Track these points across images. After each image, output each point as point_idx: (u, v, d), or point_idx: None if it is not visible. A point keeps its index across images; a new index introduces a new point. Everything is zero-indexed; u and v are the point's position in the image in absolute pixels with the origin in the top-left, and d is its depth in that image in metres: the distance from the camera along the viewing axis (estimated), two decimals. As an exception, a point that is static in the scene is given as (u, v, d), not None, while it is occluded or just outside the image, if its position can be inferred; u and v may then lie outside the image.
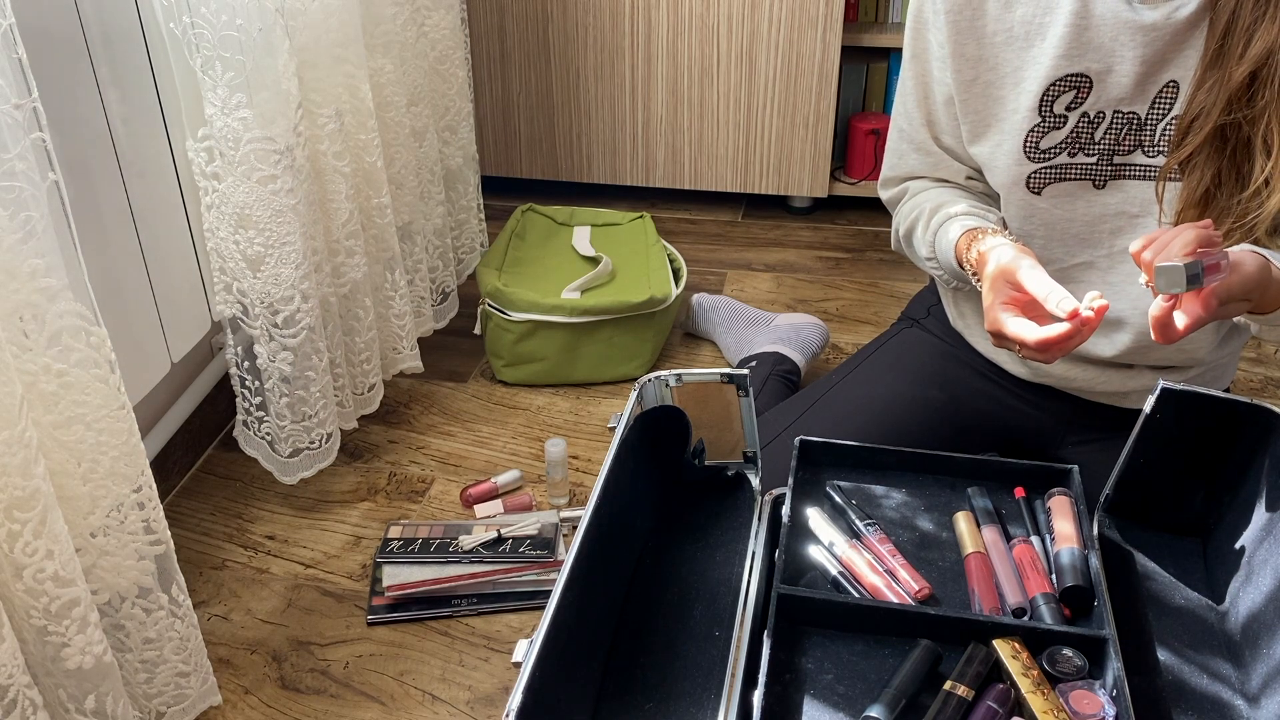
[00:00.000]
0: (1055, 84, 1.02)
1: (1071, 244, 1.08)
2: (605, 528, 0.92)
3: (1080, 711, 0.81)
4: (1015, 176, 1.06)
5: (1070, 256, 1.09)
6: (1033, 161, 1.05)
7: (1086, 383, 1.16)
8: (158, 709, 1.06)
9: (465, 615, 1.26)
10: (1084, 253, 1.09)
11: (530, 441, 1.56)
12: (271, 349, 1.29)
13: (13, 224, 0.79)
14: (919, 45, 1.10)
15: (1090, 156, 1.04)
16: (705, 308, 1.78)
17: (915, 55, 1.11)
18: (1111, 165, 1.04)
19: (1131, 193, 1.05)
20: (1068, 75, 1.01)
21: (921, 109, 1.13)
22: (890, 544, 0.99)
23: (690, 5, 2.03)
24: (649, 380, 1.03)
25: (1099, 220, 1.07)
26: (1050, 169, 1.05)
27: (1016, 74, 1.04)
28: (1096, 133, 1.03)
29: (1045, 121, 1.03)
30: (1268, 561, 0.89)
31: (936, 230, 1.09)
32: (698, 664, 0.91)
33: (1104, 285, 1.08)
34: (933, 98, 1.11)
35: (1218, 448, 0.97)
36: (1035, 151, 1.05)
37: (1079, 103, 1.02)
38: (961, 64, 1.06)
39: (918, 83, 1.12)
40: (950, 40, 1.05)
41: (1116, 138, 1.03)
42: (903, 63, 1.14)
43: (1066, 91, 1.02)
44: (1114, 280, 1.08)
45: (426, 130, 1.62)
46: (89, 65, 1.14)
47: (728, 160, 2.18)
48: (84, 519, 0.92)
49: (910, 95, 1.13)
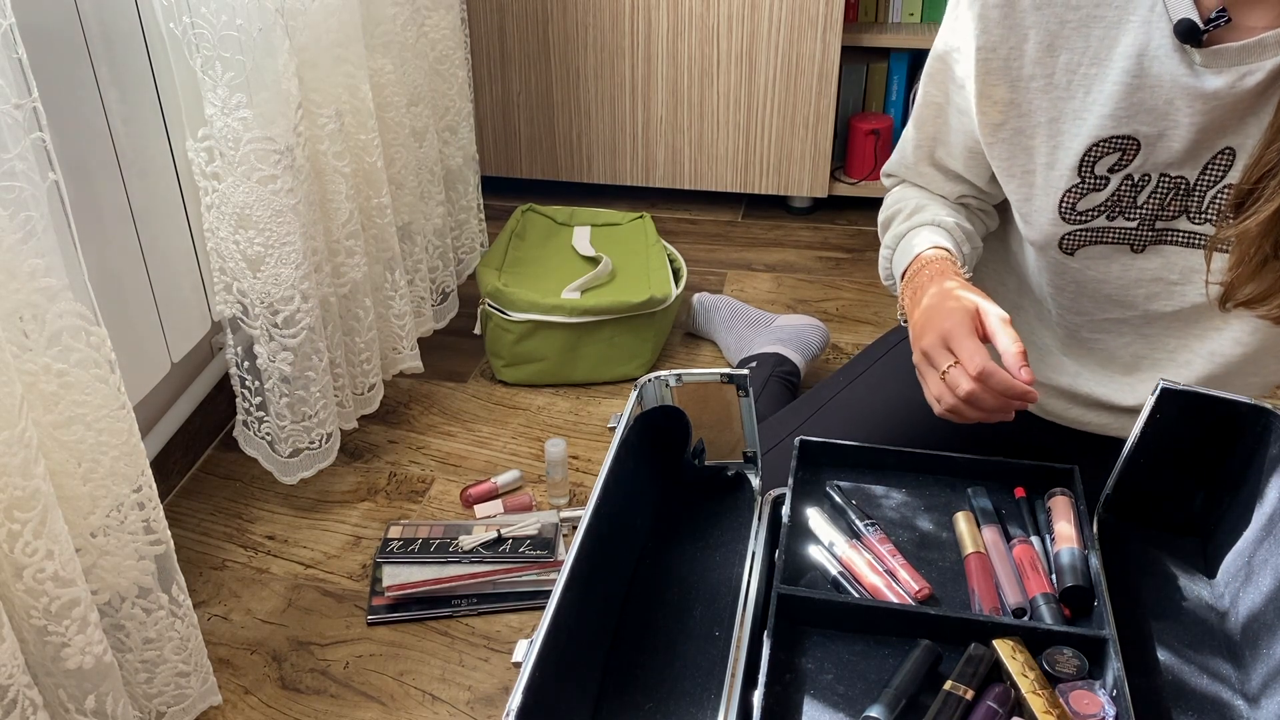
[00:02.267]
0: (1099, 144, 0.93)
1: (1103, 302, 1.03)
2: (605, 528, 0.92)
3: (1080, 711, 0.81)
4: (1048, 236, 1.00)
5: (1100, 312, 1.04)
6: (1068, 223, 0.98)
7: (1100, 427, 1.12)
8: (158, 709, 1.06)
9: (465, 615, 1.26)
10: (1115, 310, 1.03)
11: (530, 441, 1.56)
12: (271, 349, 1.29)
13: (13, 224, 0.79)
14: (939, 70, 1.03)
15: (1131, 220, 0.97)
16: (706, 307, 1.78)
17: (931, 76, 1.04)
18: (1153, 230, 0.97)
19: (1171, 259, 0.97)
20: (1114, 137, 0.93)
21: (925, 129, 1.08)
22: (890, 544, 0.99)
23: (690, 5, 2.03)
24: (649, 380, 1.03)
25: (1134, 285, 1.00)
26: (1086, 231, 0.98)
27: (1053, 125, 0.95)
28: (1140, 196, 0.95)
29: (1085, 183, 0.96)
30: (1268, 561, 0.89)
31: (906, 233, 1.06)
32: (698, 664, 0.91)
33: (1138, 338, 1.04)
34: (945, 122, 1.05)
35: (1218, 448, 0.97)
36: (1071, 213, 0.97)
37: (1123, 165, 0.94)
38: (988, 106, 0.97)
39: (927, 103, 1.06)
40: (978, 79, 0.96)
41: (1161, 202, 0.95)
42: (923, 74, 1.06)
43: (1111, 153, 0.94)
44: (1149, 334, 1.03)
45: (426, 130, 1.62)
46: (89, 65, 1.14)
47: (728, 160, 2.18)
48: (84, 519, 0.92)
49: (919, 115, 1.07)
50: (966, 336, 0.89)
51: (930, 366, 0.92)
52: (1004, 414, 0.90)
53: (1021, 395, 0.87)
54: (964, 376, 0.88)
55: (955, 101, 1.03)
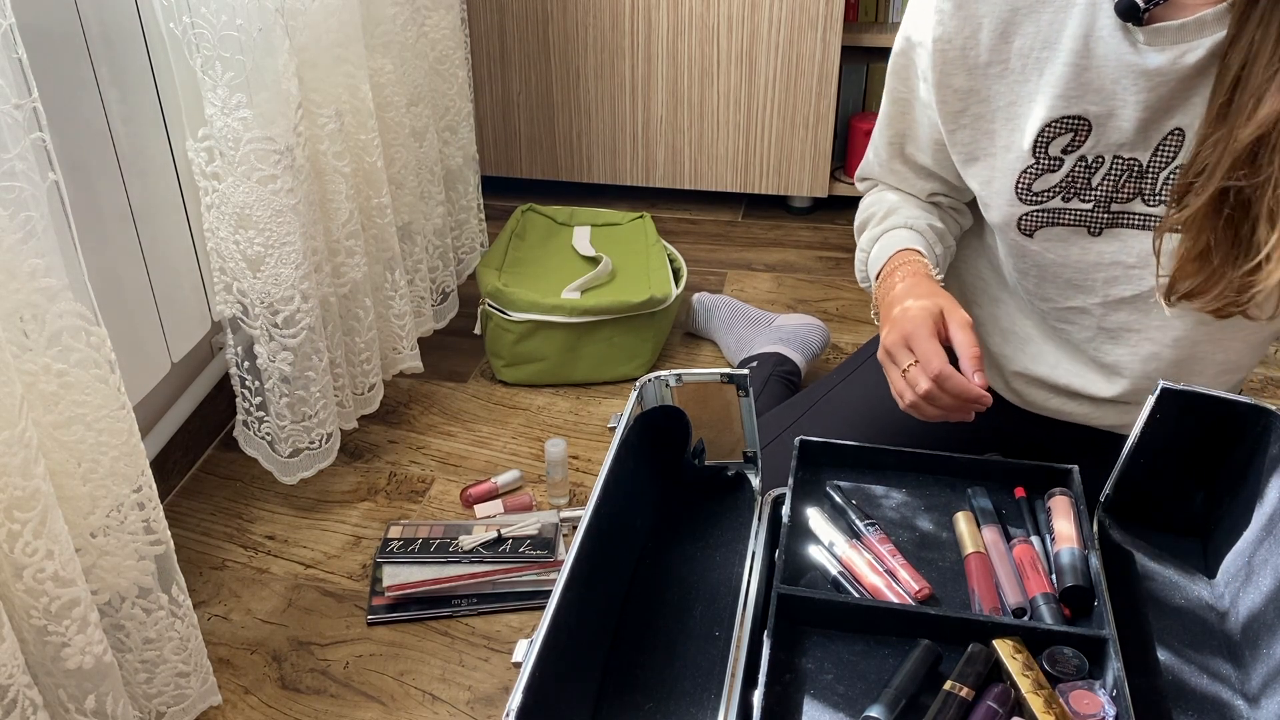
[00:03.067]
0: (1051, 125, 0.96)
1: (1065, 288, 1.04)
2: (605, 528, 0.92)
3: (1080, 711, 0.81)
4: (1007, 217, 1.02)
5: (1064, 299, 1.05)
6: (1024, 204, 1.00)
7: (1083, 418, 1.13)
8: (158, 709, 1.06)
9: (465, 615, 1.26)
10: (1078, 297, 1.04)
11: (530, 441, 1.56)
12: (271, 349, 1.29)
13: (13, 224, 0.79)
14: (903, 66, 1.05)
15: (1086, 202, 0.99)
16: (706, 307, 1.78)
17: (895, 72, 1.06)
18: (1109, 212, 0.99)
19: (1128, 242, 0.99)
20: (1065, 117, 0.95)
21: (894, 125, 1.09)
22: (890, 544, 0.99)
23: (690, 5, 2.03)
24: (649, 380, 1.03)
25: (1093, 268, 1.02)
26: (1042, 212, 1.00)
27: (1010, 108, 0.98)
28: (1094, 178, 0.97)
29: (1040, 163, 0.98)
30: (1268, 561, 0.89)
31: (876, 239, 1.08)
32: (698, 664, 0.91)
33: (1098, 331, 1.05)
34: (912, 117, 1.07)
35: (1218, 448, 0.97)
36: (1027, 194, 0.99)
37: (1076, 146, 0.96)
38: (947, 95, 1.00)
39: (893, 100, 1.08)
40: (936, 69, 0.99)
41: (1115, 184, 0.97)
42: (888, 71, 1.09)
43: (1064, 134, 0.96)
44: (1109, 326, 1.05)
45: (426, 130, 1.62)
46: (89, 65, 1.14)
47: (728, 160, 2.18)
48: (84, 519, 0.92)
49: (886, 111, 1.09)
50: (927, 339, 0.92)
51: (893, 364, 0.96)
52: (962, 414, 0.94)
53: (975, 399, 0.91)
54: (922, 376, 0.92)
55: (920, 95, 1.05)
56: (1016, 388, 1.16)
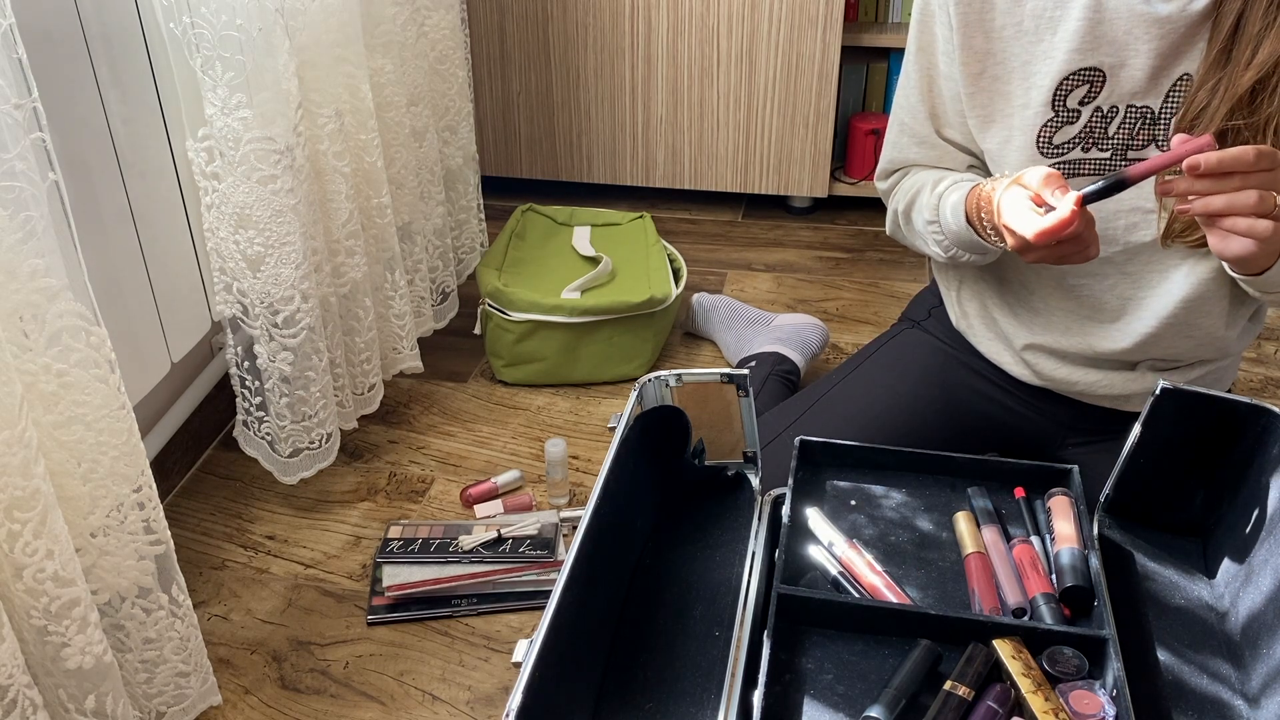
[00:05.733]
0: (1068, 78, 1.01)
1: None
2: (605, 528, 0.92)
3: (1080, 711, 0.81)
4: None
5: None
6: (1046, 157, 1.04)
7: (1088, 386, 1.15)
8: (158, 709, 1.06)
9: (465, 615, 1.26)
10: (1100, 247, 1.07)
11: (530, 441, 1.56)
12: (271, 349, 1.29)
13: (13, 224, 0.79)
14: (925, 38, 1.09)
15: (1104, 152, 1.04)
16: (705, 307, 1.78)
17: (921, 48, 1.10)
18: (1125, 160, 1.04)
19: (1145, 188, 1.03)
20: (1081, 69, 1.00)
21: (925, 102, 1.12)
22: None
23: (690, 5, 2.03)
24: (649, 380, 1.03)
25: (1114, 215, 1.05)
26: (1064, 164, 1.05)
27: (1025, 68, 1.03)
28: (1110, 128, 1.03)
29: (1059, 116, 1.03)
30: (1268, 562, 0.89)
31: (942, 194, 1.09)
32: (698, 664, 0.91)
33: (1121, 276, 1.08)
34: (938, 90, 1.11)
35: (1218, 448, 0.97)
36: (1049, 147, 1.04)
37: (1092, 97, 1.01)
38: (969, 57, 1.05)
39: (922, 75, 1.11)
40: (959, 32, 1.04)
41: (1130, 132, 1.02)
42: (906, 55, 1.13)
43: (1079, 86, 1.01)
44: (1131, 271, 1.08)
45: (426, 130, 1.62)
46: (89, 65, 1.14)
47: (728, 160, 2.18)
48: (84, 519, 0.92)
49: (914, 89, 1.13)
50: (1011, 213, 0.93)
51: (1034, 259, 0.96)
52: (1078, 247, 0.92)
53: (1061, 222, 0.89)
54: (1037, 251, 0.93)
55: (942, 69, 1.09)
56: (1028, 359, 1.18)
